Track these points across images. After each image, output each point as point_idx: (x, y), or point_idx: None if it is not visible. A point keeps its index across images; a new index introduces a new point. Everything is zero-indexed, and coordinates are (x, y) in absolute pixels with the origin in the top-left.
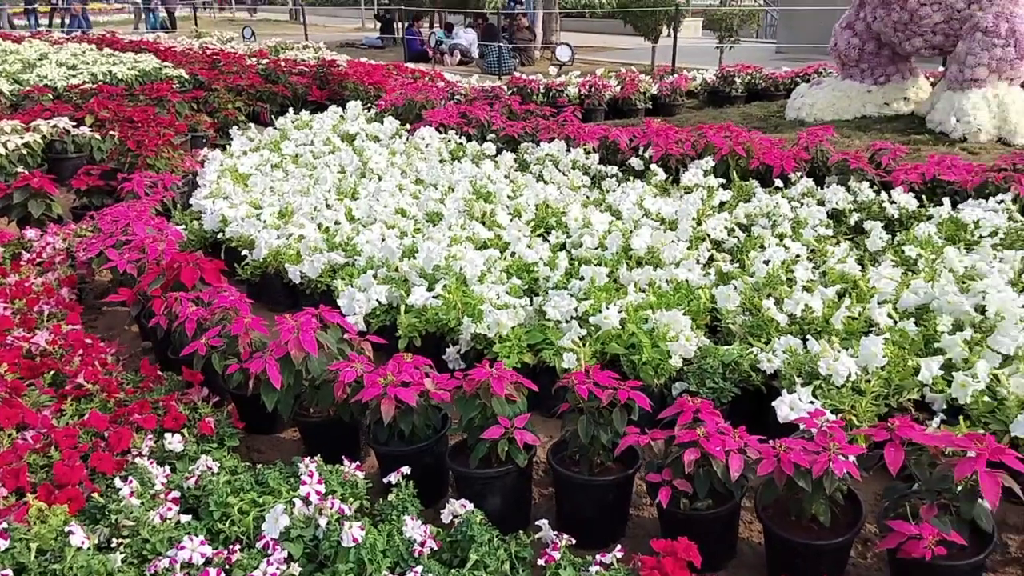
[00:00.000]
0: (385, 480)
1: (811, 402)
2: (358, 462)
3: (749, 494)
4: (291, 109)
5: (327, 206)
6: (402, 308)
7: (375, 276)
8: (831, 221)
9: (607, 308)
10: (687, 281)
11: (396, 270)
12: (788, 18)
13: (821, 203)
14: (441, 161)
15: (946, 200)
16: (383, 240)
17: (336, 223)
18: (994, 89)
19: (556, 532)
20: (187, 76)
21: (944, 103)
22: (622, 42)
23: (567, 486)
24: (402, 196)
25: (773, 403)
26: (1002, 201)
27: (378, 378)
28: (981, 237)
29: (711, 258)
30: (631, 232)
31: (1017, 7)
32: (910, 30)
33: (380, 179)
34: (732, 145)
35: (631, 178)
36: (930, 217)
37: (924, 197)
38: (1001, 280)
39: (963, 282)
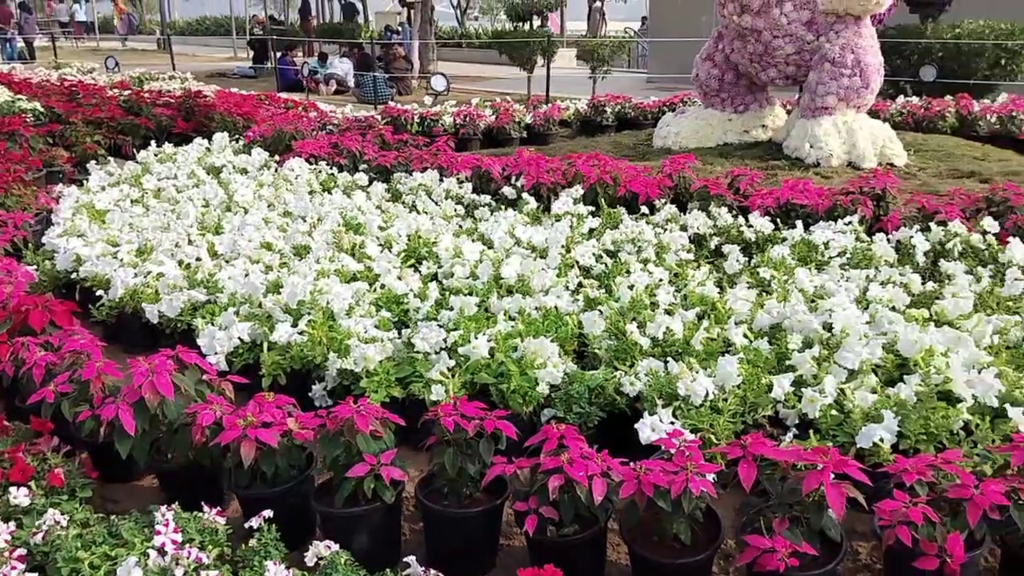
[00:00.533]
0: (247, 525)
1: (671, 423)
2: (219, 508)
3: (617, 517)
4: (154, 142)
5: (189, 242)
6: (265, 345)
7: (237, 313)
8: (693, 246)
9: (476, 338)
10: (556, 308)
11: (259, 306)
12: (657, 49)
13: (684, 228)
14: (311, 192)
15: (799, 223)
16: (247, 275)
17: (198, 259)
18: (843, 116)
19: (424, 568)
20: (42, 109)
21: (798, 130)
22: (498, 72)
23: (436, 520)
24: (268, 229)
25: (636, 425)
26: (850, 223)
27: (238, 420)
28: (830, 258)
29: (580, 284)
30: (502, 261)
31: (861, 39)
32: (765, 61)
33: (246, 212)
34: (600, 174)
35: (504, 207)
36: (784, 240)
37: (779, 220)
38: (847, 298)
39: (813, 301)
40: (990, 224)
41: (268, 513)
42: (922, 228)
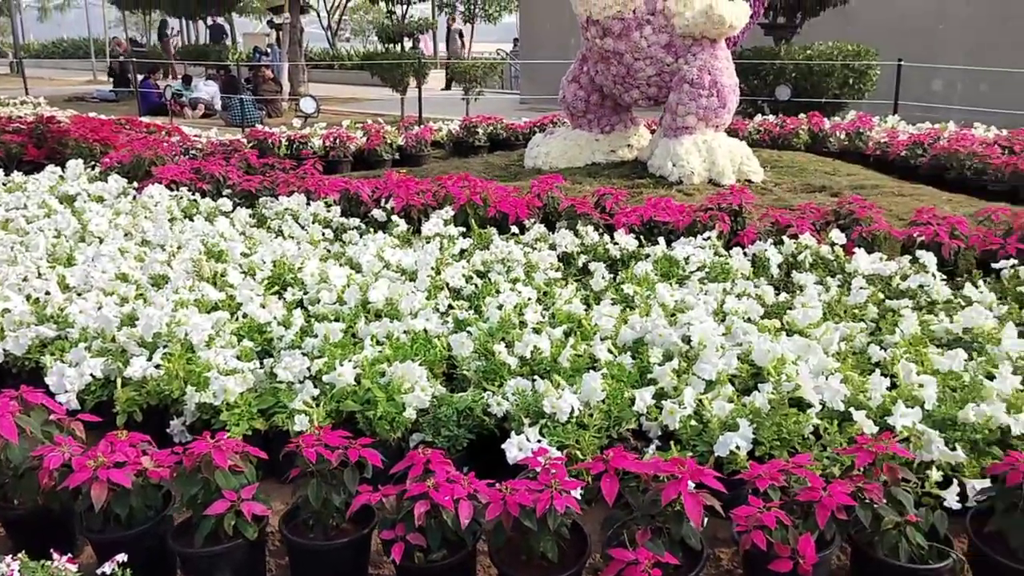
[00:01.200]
0: (100, 571)
1: (538, 441)
2: (70, 555)
3: (486, 539)
4: (2, 171)
5: (39, 275)
6: (119, 381)
7: (89, 348)
8: (561, 264)
9: (342, 365)
10: (425, 331)
11: (113, 340)
12: (529, 70)
13: (553, 247)
14: (171, 220)
15: (662, 239)
16: (100, 309)
17: (47, 293)
18: (703, 136)
19: None
20: None
21: (661, 149)
22: (371, 93)
23: (301, 554)
24: (124, 260)
25: (503, 445)
26: (708, 238)
27: (88, 461)
28: (690, 272)
29: (450, 306)
30: (370, 285)
31: (717, 61)
32: (627, 83)
33: (101, 242)
34: (471, 195)
35: (373, 230)
36: (647, 256)
37: (643, 237)
38: (705, 311)
39: (673, 315)
40: (837, 236)
41: (122, 557)
42: (776, 241)
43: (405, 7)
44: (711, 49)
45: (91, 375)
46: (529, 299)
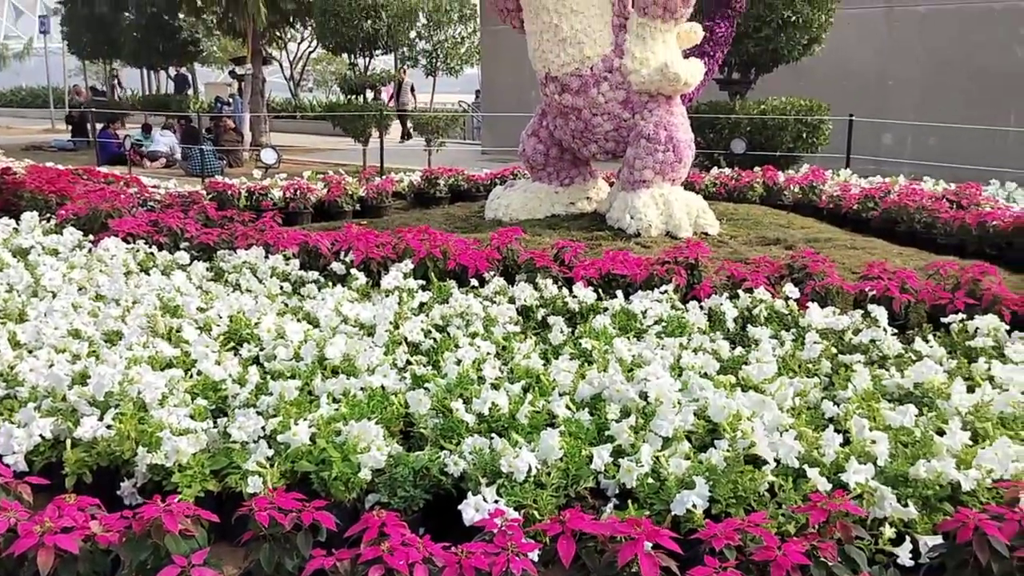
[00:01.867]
0: None
1: (496, 501)
2: None
3: None
4: None
5: None
6: (68, 442)
7: (39, 408)
8: (520, 318)
9: (297, 424)
10: (382, 387)
11: (64, 399)
12: (490, 122)
13: (512, 300)
14: (127, 273)
15: (619, 293)
16: (51, 366)
17: None
18: (660, 189)
19: None
20: None
21: (619, 202)
22: (333, 143)
23: None
24: (78, 315)
25: (460, 506)
26: (665, 291)
27: (35, 526)
28: (648, 326)
29: (408, 362)
30: (327, 340)
31: (673, 117)
32: (586, 137)
33: (54, 297)
34: (430, 248)
35: (332, 283)
36: (606, 309)
37: (601, 290)
38: (661, 367)
39: (631, 370)
40: (791, 290)
41: None
42: (731, 295)
43: (368, 59)
44: (667, 105)
45: (40, 435)
46: (488, 354)
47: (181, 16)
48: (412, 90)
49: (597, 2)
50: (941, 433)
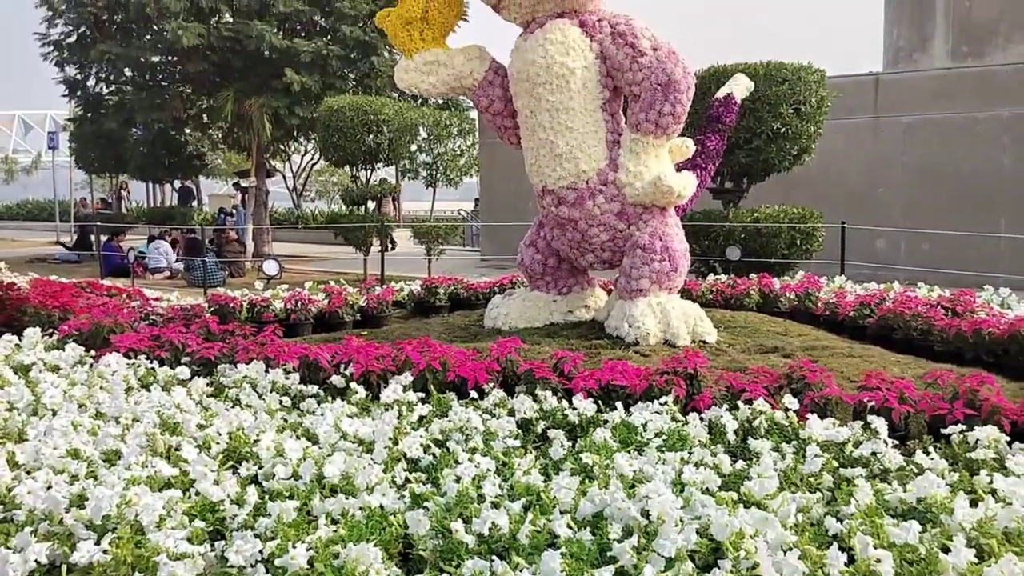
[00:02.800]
0: None
1: None
2: None
3: None
4: None
5: None
6: (64, 568)
7: (35, 532)
8: (520, 431)
9: (295, 547)
10: (381, 507)
11: (61, 523)
12: (489, 230)
13: (512, 413)
14: (128, 390)
15: (619, 404)
16: (49, 488)
17: None
18: (657, 298)
19: None
20: None
21: (617, 311)
22: (334, 251)
23: None
24: (77, 434)
25: None
26: (665, 403)
27: None
28: (648, 440)
29: (407, 479)
30: (326, 458)
31: (667, 227)
32: (583, 248)
33: (54, 415)
34: (430, 359)
35: (332, 397)
36: (606, 422)
37: (601, 402)
38: (663, 483)
39: (632, 486)
40: (790, 401)
41: None
42: (731, 406)
43: (369, 172)
44: (661, 216)
45: (36, 561)
46: (488, 470)
47: (187, 131)
48: (395, 200)
49: (591, 120)
50: (946, 550)
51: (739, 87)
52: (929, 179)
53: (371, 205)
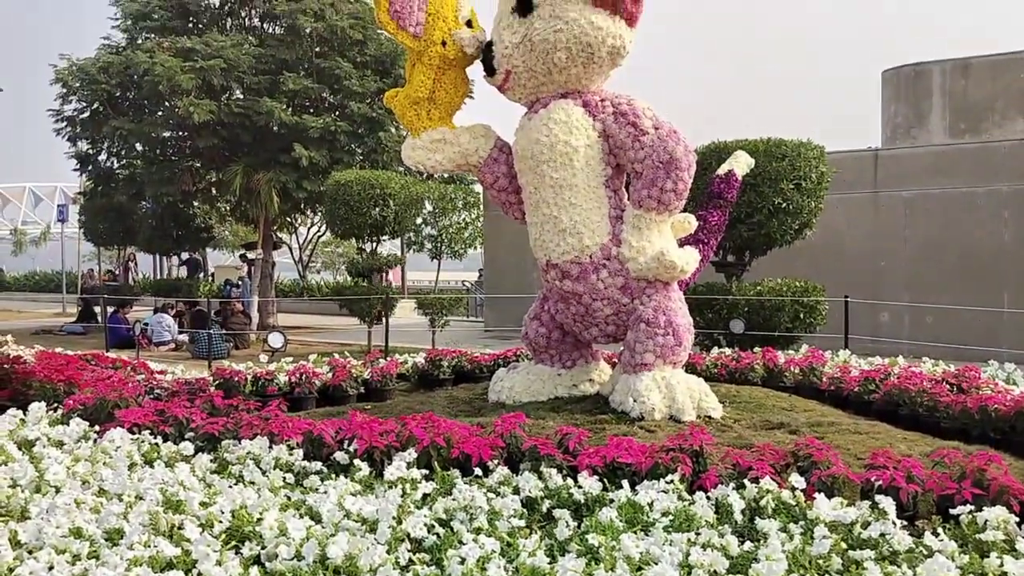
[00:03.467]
0: None
1: None
2: None
3: None
4: None
5: None
6: None
7: None
8: (525, 510)
9: None
10: None
11: None
12: (493, 301)
13: (517, 491)
14: (132, 466)
15: (625, 482)
16: (50, 569)
17: None
18: (661, 372)
19: None
20: None
21: (622, 385)
22: (339, 322)
23: None
24: (80, 512)
25: None
26: (671, 481)
27: None
28: (655, 520)
29: (411, 560)
30: (329, 538)
31: (671, 302)
32: (587, 321)
33: (57, 492)
34: (434, 436)
35: (336, 474)
36: (612, 501)
37: (606, 479)
38: (671, 565)
39: (639, 568)
40: (797, 480)
41: None
42: (737, 485)
43: (375, 244)
44: (664, 291)
45: None
46: (492, 551)
47: (196, 204)
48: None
49: (594, 196)
50: None
51: (740, 164)
52: (931, 253)
53: (375, 277)
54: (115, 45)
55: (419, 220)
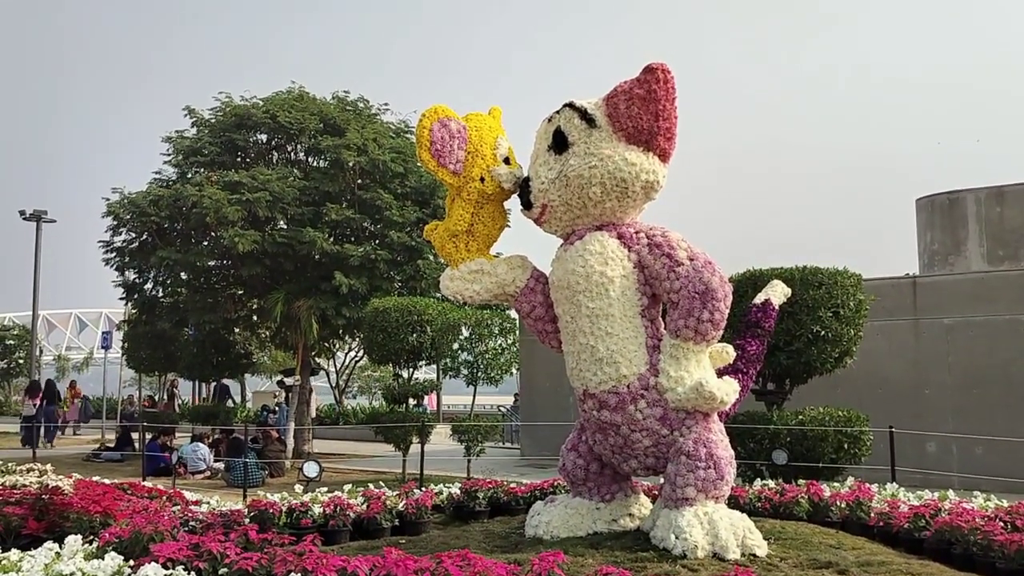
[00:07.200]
0: None
1: None
2: None
3: None
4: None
5: None
6: None
7: None
8: None
9: None
10: None
11: None
12: (529, 429)
13: None
14: None
15: None
16: None
17: None
18: (704, 507)
19: None
20: None
21: (663, 521)
22: (374, 449)
23: None
24: None
25: None
26: None
27: None
28: None
29: None
30: None
31: (711, 433)
32: (625, 452)
33: None
34: (471, 575)
35: None
36: None
37: None
38: None
39: None
40: None
41: None
42: None
43: (411, 370)
44: (704, 422)
45: None
46: None
47: (236, 331)
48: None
49: (631, 325)
50: None
51: (776, 293)
52: (976, 381)
53: (412, 402)
54: (166, 179)
55: (456, 345)
